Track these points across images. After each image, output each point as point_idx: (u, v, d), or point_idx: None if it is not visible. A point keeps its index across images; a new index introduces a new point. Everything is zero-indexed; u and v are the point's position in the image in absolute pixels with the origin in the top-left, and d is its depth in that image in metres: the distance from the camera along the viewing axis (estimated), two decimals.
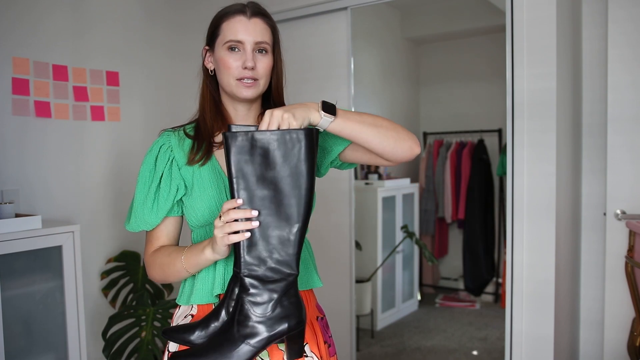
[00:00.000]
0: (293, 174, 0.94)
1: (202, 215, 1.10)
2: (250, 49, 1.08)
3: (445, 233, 4.52)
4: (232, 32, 1.08)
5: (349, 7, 2.48)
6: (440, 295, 4.38)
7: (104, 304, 2.38)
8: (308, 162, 0.94)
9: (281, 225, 0.94)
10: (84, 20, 2.29)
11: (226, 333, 0.93)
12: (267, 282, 0.94)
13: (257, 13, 1.10)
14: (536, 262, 2.02)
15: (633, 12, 1.95)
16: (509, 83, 2.06)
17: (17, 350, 1.79)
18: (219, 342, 0.93)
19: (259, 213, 0.93)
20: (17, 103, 2.06)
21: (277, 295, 0.94)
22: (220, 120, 1.15)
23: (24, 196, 2.08)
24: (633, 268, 1.94)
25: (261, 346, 0.93)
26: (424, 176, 4.38)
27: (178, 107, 2.71)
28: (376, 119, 1.04)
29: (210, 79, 1.17)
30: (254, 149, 0.92)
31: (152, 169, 1.13)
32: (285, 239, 0.95)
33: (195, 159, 1.10)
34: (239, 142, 0.92)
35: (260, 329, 0.93)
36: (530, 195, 2.03)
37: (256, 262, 0.94)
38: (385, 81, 4.19)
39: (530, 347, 2.05)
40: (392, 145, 1.04)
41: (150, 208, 1.11)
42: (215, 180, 1.10)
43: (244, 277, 0.93)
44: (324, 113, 0.98)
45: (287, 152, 0.93)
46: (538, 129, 1.99)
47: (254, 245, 0.94)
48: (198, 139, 1.13)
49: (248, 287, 0.94)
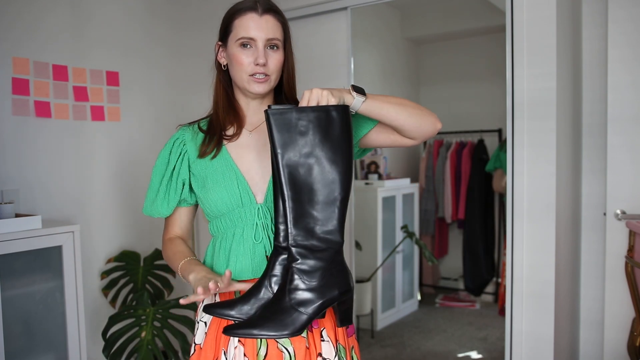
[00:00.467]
0: (334, 147, 0.98)
1: (215, 206, 1.14)
2: (261, 46, 1.11)
3: (445, 233, 4.52)
4: (244, 28, 1.11)
5: (349, 7, 2.48)
6: (440, 295, 4.38)
7: (104, 304, 2.38)
8: (347, 135, 0.99)
9: (325, 197, 0.98)
10: (84, 20, 2.29)
11: (278, 303, 0.97)
12: (315, 251, 0.98)
13: (269, 10, 1.13)
14: (536, 262, 2.02)
15: (633, 12, 1.95)
16: (509, 83, 2.06)
17: (17, 350, 1.79)
18: (273, 312, 0.96)
19: (302, 184, 0.98)
20: (17, 103, 2.06)
21: (325, 264, 0.98)
22: (232, 114, 1.19)
23: (24, 196, 2.08)
24: (633, 268, 1.94)
25: (314, 313, 0.97)
26: (424, 176, 4.37)
27: (178, 107, 2.71)
28: (400, 99, 1.09)
29: (223, 73, 1.21)
30: (295, 124, 0.97)
31: (165, 162, 1.20)
32: (330, 210, 0.98)
33: (207, 152, 1.16)
34: (280, 118, 0.96)
35: (311, 296, 0.97)
36: (530, 195, 2.03)
37: (303, 232, 0.98)
38: (385, 81, 4.19)
39: (530, 347, 2.05)
40: (418, 121, 1.09)
41: (162, 199, 1.19)
42: (227, 172, 1.15)
43: (292, 247, 0.98)
44: (357, 94, 1.03)
45: (327, 127, 0.98)
46: (538, 129, 1.99)
47: (301, 217, 0.98)
48: (210, 132, 1.19)
49: (297, 257, 0.98)
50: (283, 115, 0.96)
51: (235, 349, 1.09)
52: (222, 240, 1.16)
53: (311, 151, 0.97)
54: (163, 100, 2.64)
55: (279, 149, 0.96)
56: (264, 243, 1.12)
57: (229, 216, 1.14)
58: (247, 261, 1.12)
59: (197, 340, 1.16)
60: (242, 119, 1.20)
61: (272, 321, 0.95)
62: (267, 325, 0.94)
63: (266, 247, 1.12)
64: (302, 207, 0.97)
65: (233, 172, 1.14)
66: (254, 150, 1.17)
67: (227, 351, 1.10)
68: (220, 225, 1.16)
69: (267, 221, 1.13)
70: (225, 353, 1.10)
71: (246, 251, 1.12)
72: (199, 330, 1.17)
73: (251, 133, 1.19)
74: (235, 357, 1.08)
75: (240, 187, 1.13)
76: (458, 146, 4.28)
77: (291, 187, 0.97)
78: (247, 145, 1.18)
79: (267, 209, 1.13)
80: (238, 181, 1.13)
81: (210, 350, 1.12)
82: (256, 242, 1.12)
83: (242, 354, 1.08)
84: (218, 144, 1.16)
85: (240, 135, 1.19)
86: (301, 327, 0.96)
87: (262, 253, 1.12)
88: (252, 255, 1.12)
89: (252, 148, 1.17)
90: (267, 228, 1.13)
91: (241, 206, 1.13)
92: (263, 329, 0.94)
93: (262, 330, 0.94)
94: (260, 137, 1.18)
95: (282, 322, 0.95)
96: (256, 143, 1.18)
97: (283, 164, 0.97)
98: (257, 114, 1.20)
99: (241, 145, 1.18)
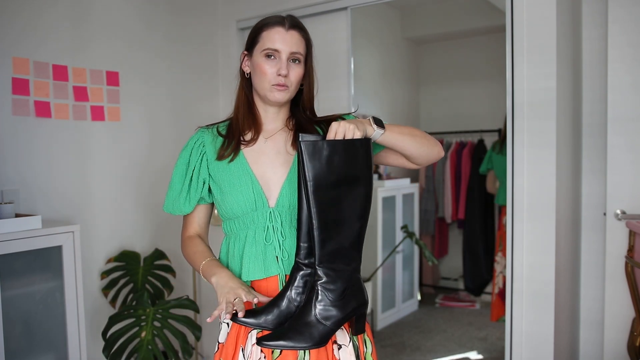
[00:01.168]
0: (357, 177, 1.09)
1: (231, 208, 1.23)
2: (285, 58, 1.20)
3: (445, 233, 4.52)
4: (270, 41, 1.20)
5: (349, 7, 2.48)
6: (440, 295, 4.38)
7: (104, 304, 2.38)
8: (369, 165, 1.11)
9: (349, 223, 1.10)
10: (84, 20, 2.29)
11: (305, 317, 1.09)
12: (338, 271, 1.10)
13: (295, 26, 1.23)
14: (536, 262, 2.02)
15: (633, 12, 1.95)
16: (509, 83, 2.06)
17: (17, 350, 1.79)
18: (301, 324, 1.08)
19: (325, 211, 1.08)
20: (17, 103, 2.06)
21: (347, 282, 1.11)
22: (251, 119, 1.28)
23: (24, 196, 2.08)
24: (633, 268, 1.94)
25: (336, 326, 1.10)
26: (424, 176, 4.38)
27: (178, 107, 2.71)
28: (411, 129, 1.21)
29: (246, 81, 1.29)
30: (325, 155, 1.07)
31: (186, 163, 1.28)
32: (353, 235, 1.11)
33: (225, 155, 1.24)
34: (312, 149, 1.06)
35: (334, 311, 1.09)
36: (530, 195, 2.03)
37: (328, 255, 1.09)
38: (385, 81, 4.19)
39: (530, 347, 2.05)
40: (425, 151, 1.22)
41: (184, 198, 1.28)
42: (243, 176, 1.23)
43: (318, 267, 1.09)
44: (377, 126, 1.14)
45: (353, 158, 1.09)
46: (538, 129, 1.99)
47: (327, 241, 1.08)
48: (229, 136, 1.28)
49: (323, 277, 1.09)
50: (315, 147, 1.06)
51: (252, 346, 1.19)
52: (235, 240, 1.24)
53: (337, 180, 1.07)
54: (163, 100, 2.64)
55: (310, 179, 1.05)
56: (274, 245, 1.21)
57: (243, 219, 1.23)
58: (259, 262, 1.20)
59: (221, 339, 1.27)
60: (260, 125, 1.29)
61: (300, 333, 1.07)
62: (296, 337, 1.07)
63: (276, 248, 1.20)
64: (329, 232, 1.08)
65: (249, 176, 1.23)
66: (268, 156, 1.26)
67: (244, 348, 1.20)
68: (233, 226, 1.25)
69: (277, 224, 1.21)
70: (243, 350, 1.20)
71: (258, 252, 1.20)
72: (222, 331, 1.27)
73: (267, 140, 1.28)
74: (252, 354, 1.18)
75: (255, 192, 1.21)
76: (458, 146, 4.29)
77: (319, 214, 1.07)
78: (262, 152, 1.26)
79: (278, 212, 1.21)
80: (253, 186, 1.22)
81: (231, 348, 1.23)
82: (267, 244, 1.20)
83: (259, 350, 1.18)
84: (236, 149, 1.25)
85: (257, 141, 1.27)
86: (326, 339, 1.08)
87: (273, 254, 1.20)
88: (264, 256, 1.20)
89: (267, 154, 1.26)
90: (277, 231, 1.21)
91: (255, 210, 1.21)
92: (292, 340, 1.07)
93: (291, 341, 1.07)
94: (275, 145, 1.27)
95: (310, 334, 1.07)
96: (271, 150, 1.27)
97: (313, 192, 1.06)
98: (274, 122, 1.30)
99: (257, 150, 1.26)
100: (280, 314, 1.12)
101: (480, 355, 3.13)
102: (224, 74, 2.91)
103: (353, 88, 2.55)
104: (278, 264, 1.20)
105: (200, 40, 2.83)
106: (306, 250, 1.14)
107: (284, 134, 1.29)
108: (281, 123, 1.30)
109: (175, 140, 2.64)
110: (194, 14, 2.79)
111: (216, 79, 2.92)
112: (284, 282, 1.20)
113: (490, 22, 3.92)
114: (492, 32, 4.07)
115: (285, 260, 1.20)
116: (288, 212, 1.21)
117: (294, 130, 1.29)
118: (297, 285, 1.13)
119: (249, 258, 1.21)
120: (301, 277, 1.13)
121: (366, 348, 1.27)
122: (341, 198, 1.08)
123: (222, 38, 2.90)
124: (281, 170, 1.24)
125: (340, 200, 1.08)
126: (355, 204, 1.10)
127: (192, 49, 2.78)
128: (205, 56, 2.86)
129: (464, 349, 3.23)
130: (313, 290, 1.10)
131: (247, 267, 1.20)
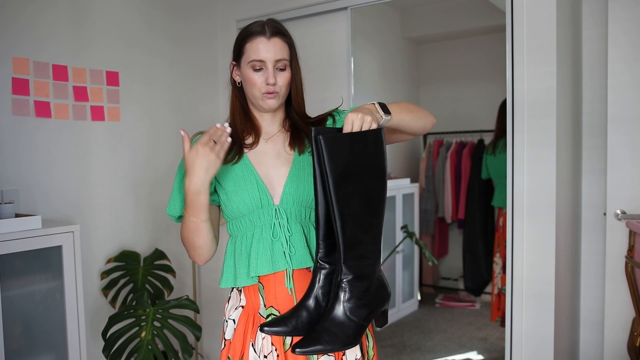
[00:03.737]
0: (374, 168, 1.09)
1: (237, 208, 1.26)
2: (271, 67, 1.24)
3: (445, 233, 4.52)
4: (254, 52, 1.24)
5: (349, 7, 2.48)
6: (440, 295, 4.38)
7: (104, 304, 2.38)
8: (384, 156, 1.10)
9: (367, 215, 1.08)
10: (84, 20, 2.29)
11: (335, 317, 1.07)
12: (363, 266, 1.10)
13: (276, 33, 1.25)
14: (536, 262, 2.02)
15: (634, 12, 1.95)
16: (509, 83, 2.06)
17: (17, 350, 1.78)
18: (333, 325, 1.06)
19: (348, 206, 1.06)
20: (17, 103, 2.06)
21: (372, 277, 1.11)
22: (249, 125, 1.33)
23: (24, 196, 2.08)
24: (633, 268, 1.94)
25: (367, 322, 1.09)
26: (424, 176, 4.37)
27: (178, 107, 2.71)
28: (407, 105, 1.26)
29: (238, 89, 1.33)
30: (344, 148, 1.05)
31: None
32: (374, 229, 1.10)
33: (228, 158, 1.27)
34: (332, 145, 1.04)
35: (364, 307, 1.09)
36: (530, 195, 2.02)
37: (353, 252, 1.08)
38: (385, 81, 4.19)
39: (530, 347, 2.05)
40: (422, 123, 1.28)
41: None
42: (247, 177, 1.26)
43: (343, 265, 1.08)
44: (384, 113, 1.17)
45: (370, 149, 1.08)
46: (538, 129, 1.99)
47: (350, 237, 1.06)
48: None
49: (349, 273, 1.08)
50: (334, 140, 1.03)
51: (263, 339, 1.22)
52: (242, 239, 1.27)
53: (358, 173, 1.06)
54: (163, 100, 2.64)
55: (328, 171, 1.03)
56: (281, 241, 1.23)
57: (249, 217, 1.26)
58: (267, 257, 1.23)
59: (227, 336, 1.29)
60: (259, 129, 1.34)
61: (334, 335, 1.05)
62: (331, 339, 1.04)
63: (283, 244, 1.23)
64: (352, 228, 1.06)
65: (253, 176, 1.26)
66: (270, 157, 1.30)
67: (255, 342, 1.23)
68: (240, 226, 1.28)
69: (283, 221, 1.24)
70: (254, 344, 1.23)
71: (265, 248, 1.23)
72: (228, 328, 1.29)
73: (267, 142, 1.33)
74: (264, 347, 1.21)
75: (260, 191, 1.25)
76: (458, 146, 4.28)
77: (341, 210, 1.05)
78: (264, 153, 1.31)
79: (283, 210, 1.25)
80: (258, 185, 1.25)
81: (239, 344, 1.26)
82: (274, 240, 1.23)
83: (270, 343, 1.21)
84: (239, 152, 1.29)
85: (258, 144, 1.32)
86: (359, 336, 1.07)
87: (280, 250, 1.23)
88: (271, 252, 1.23)
89: (269, 155, 1.31)
90: (284, 227, 1.24)
91: (260, 208, 1.25)
92: (328, 343, 1.04)
93: (328, 344, 1.04)
94: (275, 145, 1.32)
95: (344, 334, 1.05)
96: (272, 151, 1.31)
97: (334, 188, 1.04)
98: (271, 125, 1.34)
99: (259, 152, 1.31)
100: (309, 315, 1.11)
101: (481, 356, 3.13)
102: (224, 74, 2.90)
103: (353, 88, 2.55)
104: (285, 259, 1.22)
105: (200, 40, 2.83)
106: (327, 248, 1.13)
107: (282, 135, 1.34)
108: (278, 125, 1.35)
109: (175, 140, 2.63)
110: (194, 14, 2.79)
111: (216, 79, 2.92)
112: (291, 277, 1.23)
113: (490, 22, 3.92)
114: (492, 32, 4.07)
115: (292, 255, 1.23)
116: (292, 208, 1.25)
117: (290, 131, 1.33)
118: (323, 285, 1.13)
119: (257, 254, 1.23)
120: (325, 276, 1.13)
121: (368, 342, 1.31)
122: (361, 191, 1.07)
123: (222, 38, 2.90)
124: (283, 170, 1.28)
125: (360, 194, 1.07)
126: (375, 197, 1.09)
127: (192, 49, 2.78)
128: (205, 56, 2.86)
129: (464, 349, 3.23)
130: (340, 288, 1.08)
131: (254, 263, 1.23)
